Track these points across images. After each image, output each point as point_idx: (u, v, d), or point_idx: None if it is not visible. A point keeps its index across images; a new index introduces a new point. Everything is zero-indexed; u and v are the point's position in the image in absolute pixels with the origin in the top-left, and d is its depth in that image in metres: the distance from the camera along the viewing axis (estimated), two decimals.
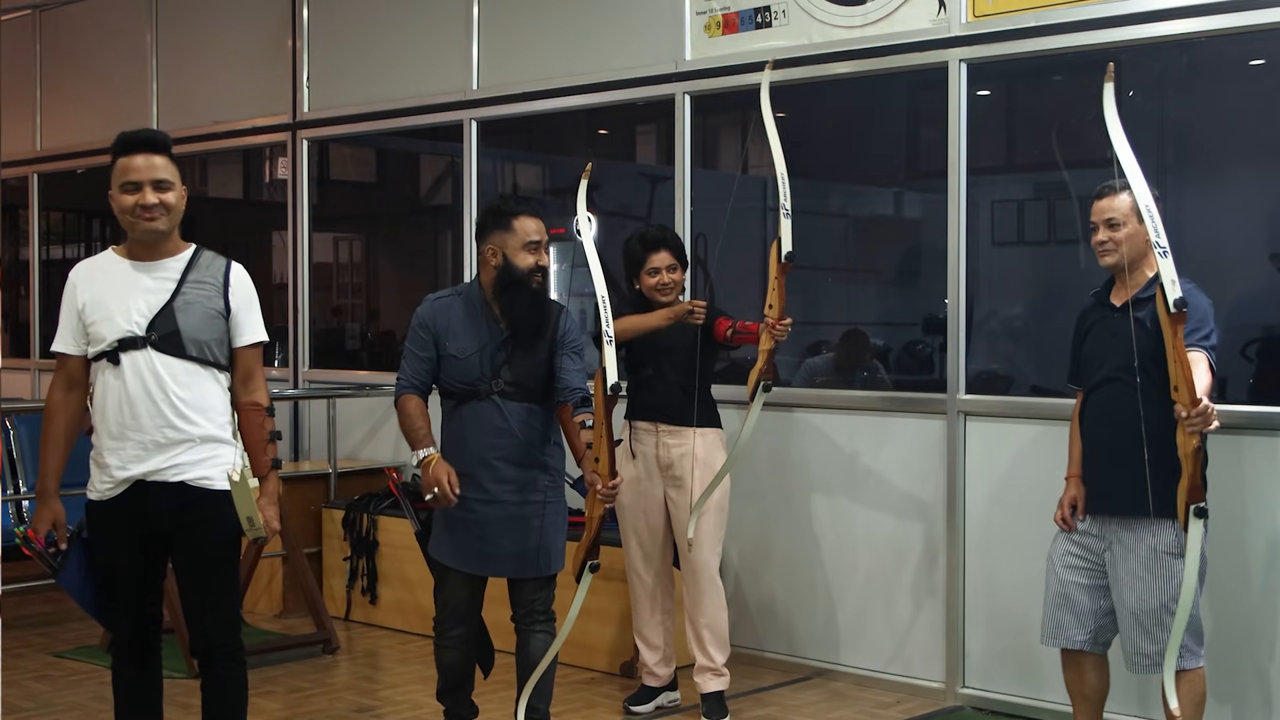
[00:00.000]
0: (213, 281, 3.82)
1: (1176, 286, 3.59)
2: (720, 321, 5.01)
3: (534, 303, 4.28)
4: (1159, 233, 3.65)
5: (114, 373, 3.71)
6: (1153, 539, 3.96)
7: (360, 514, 6.66)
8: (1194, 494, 3.66)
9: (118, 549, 3.78)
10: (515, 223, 4.26)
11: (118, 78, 8.72)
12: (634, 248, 5.12)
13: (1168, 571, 3.93)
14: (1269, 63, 5.00)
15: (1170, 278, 3.59)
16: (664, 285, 5.05)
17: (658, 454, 5.07)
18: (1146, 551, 3.97)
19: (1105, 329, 4.11)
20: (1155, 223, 3.66)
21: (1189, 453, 3.64)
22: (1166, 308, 3.59)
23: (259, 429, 3.86)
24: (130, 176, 3.71)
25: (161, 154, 3.75)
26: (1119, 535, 4.03)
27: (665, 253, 5.07)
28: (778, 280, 4.68)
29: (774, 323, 4.69)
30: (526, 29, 6.70)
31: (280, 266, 8.22)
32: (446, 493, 4.12)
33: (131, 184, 3.71)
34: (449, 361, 4.28)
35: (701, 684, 5.07)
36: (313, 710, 5.26)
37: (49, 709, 5.25)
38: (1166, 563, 3.94)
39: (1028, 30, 5.09)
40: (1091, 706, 4.23)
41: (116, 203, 3.74)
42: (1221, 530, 4.69)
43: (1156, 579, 3.94)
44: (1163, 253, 3.62)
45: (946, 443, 5.31)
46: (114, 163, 3.76)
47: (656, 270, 5.05)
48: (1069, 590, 4.13)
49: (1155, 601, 3.95)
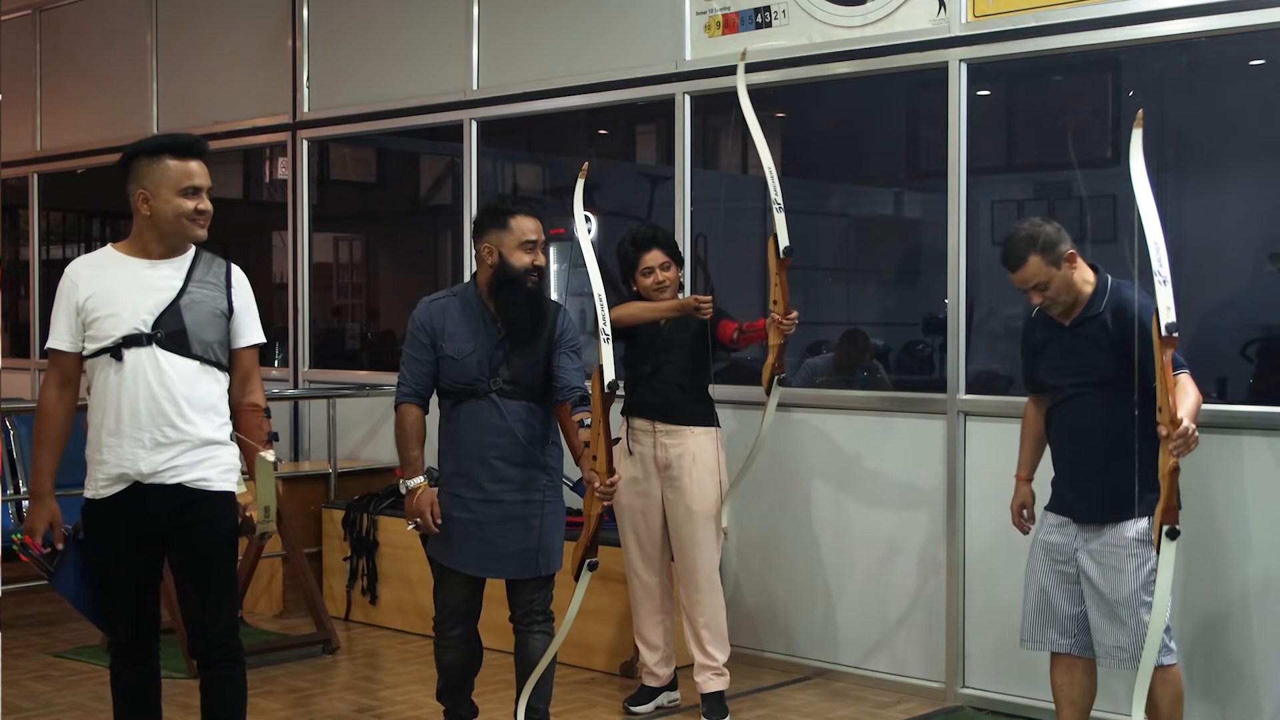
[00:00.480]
0: (215, 282, 3.83)
1: (1171, 312, 3.57)
2: (725, 324, 5.02)
3: (529, 302, 4.27)
4: (1162, 262, 3.61)
5: (116, 369, 3.70)
6: (1123, 530, 3.99)
7: (360, 514, 6.66)
8: (1169, 515, 3.64)
9: (115, 549, 3.78)
10: (512, 221, 4.26)
11: (118, 78, 8.72)
12: (626, 250, 5.12)
13: (1139, 558, 3.96)
14: (1269, 63, 5.00)
15: (1166, 304, 3.58)
16: (660, 284, 5.05)
17: (655, 454, 5.07)
18: (1116, 540, 3.99)
19: (1060, 348, 4.13)
20: (1160, 253, 3.62)
21: (1166, 473, 3.63)
22: (1159, 330, 3.59)
23: (258, 430, 3.88)
24: (194, 181, 3.72)
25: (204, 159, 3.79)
26: (1092, 534, 4.06)
27: (657, 251, 5.07)
28: (779, 276, 4.76)
29: (780, 318, 4.78)
30: (526, 29, 6.70)
31: (280, 266, 8.22)
32: (429, 523, 4.23)
33: (194, 189, 3.72)
34: (447, 362, 4.28)
35: (701, 684, 5.07)
36: (313, 710, 5.26)
37: (49, 709, 5.25)
38: (1137, 550, 3.97)
39: (1028, 30, 5.09)
40: (1078, 711, 4.22)
41: (169, 204, 3.70)
42: (1221, 530, 4.69)
43: (1127, 564, 3.97)
44: (1163, 281, 3.60)
45: (946, 443, 5.31)
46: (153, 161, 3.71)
47: (650, 270, 5.05)
48: (1050, 596, 4.15)
49: (1127, 589, 3.96)
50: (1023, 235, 4.03)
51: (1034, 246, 4.00)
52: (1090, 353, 4.04)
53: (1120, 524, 3.99)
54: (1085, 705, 4.23)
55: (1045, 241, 3.99)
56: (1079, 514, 4.09)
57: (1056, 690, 4.23)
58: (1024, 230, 4.05)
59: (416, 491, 4.27)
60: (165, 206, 3.71)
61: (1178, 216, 5.23)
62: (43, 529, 3.78)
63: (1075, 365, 4.07)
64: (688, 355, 5.02)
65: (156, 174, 3.71)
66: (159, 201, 3.71)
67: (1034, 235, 4.01)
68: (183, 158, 3.72)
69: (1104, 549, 4.02)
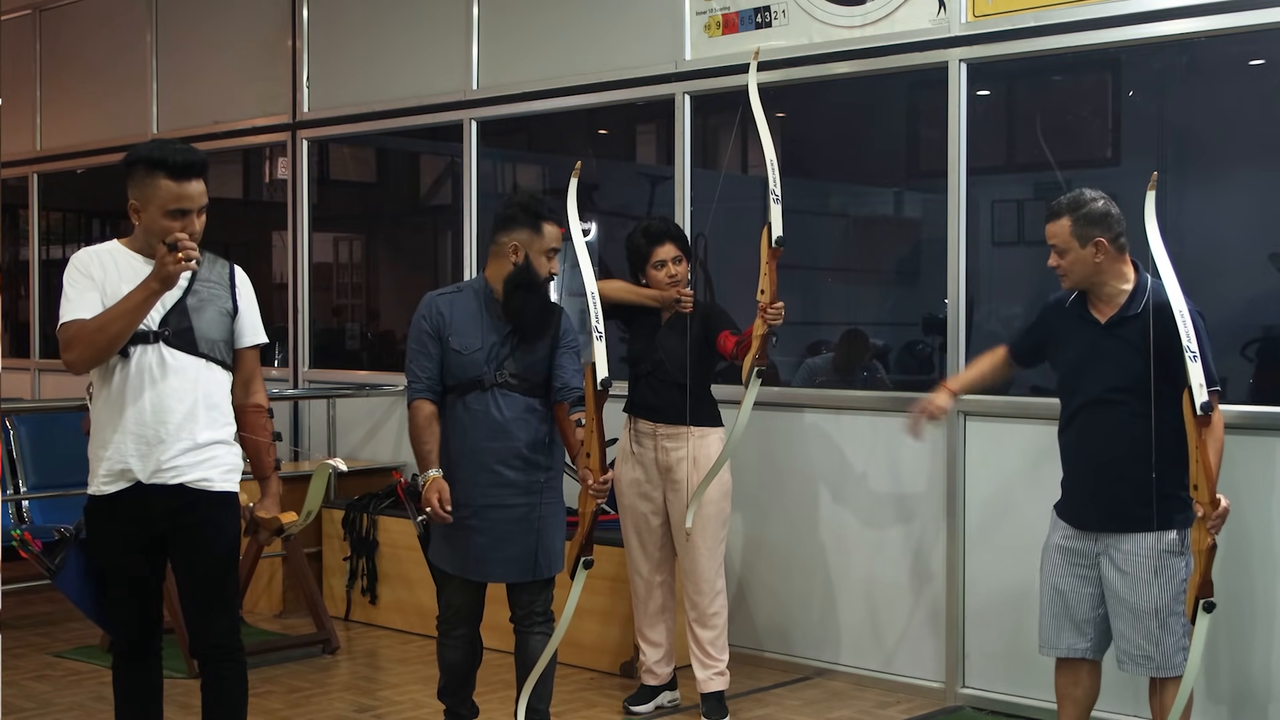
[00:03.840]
0: (219, 281, 3.84)
1: (1204, 390, 3.52)
2: (726, 337, 4.95)
3: (543, 307, 4.29)
4: (1190, 336, 3.58)
5: (121, 366, 3.69)
6: (1154, 540, 3.91)
7: (360, 514, 6.66)
8: (1205, 589, 3.59)
9: (116, 548, 3.78)
10: (545, 227, 4.25)
11: (118, 78, 8.72)
12: (638, 242, 5.08)
13: (1170, 570, 3.89)
14: (1269, 63, 5.00)
15: (1198, 381, 3.52)
16: (673, 277, 5.02)
17: (656, 457, 5.07)
18: (1147, 552, 3.91)
19: (1091, 349, 4.03)
20: (1187, 326, 3.59)
21: (1203, 549, 3.58)
22: (1194, 410, 3.52)
23: (262, 430, 3.90)
24: (183, 205, 3.65)
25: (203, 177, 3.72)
26: (1115, 542, 3.98)
27: (670, 244, 5.04)
28: (769, 265, 4.56)
29: (765, 306, 4.58)
30: (526, 29, 6.70)
31: (280, 266, 8.22)
32: (439, 512, 4.20)
33: (182, 211, 3.65)
34: (452, 356, 4.28)
35: (702, 684, 5.07)
36: (313, 710, 5.26)
37: (49, 709, 5.25)
38: (1168, 562, 3.90)
39: (1028, 30, 5.09)
40: (1081, 711, 4.19)
41: (155, 223, 3.65)
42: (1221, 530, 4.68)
43: (1159, 579, 3.89)
44: (1193, 356, 3.55)
45: (946, 443, 5.31)
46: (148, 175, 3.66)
47: (662, 263, 5.03)
48: (1067, 600, 4.08)
49: (1158, 602, 3.89)
50: (1074, 197, 4.00)
51: (1073, 210, 3.96)
52: (1127, 356, 3.92)
53: (1145, 533, 3.91)
54: (1087, 706, 4.20)
55: (1087, 214, 3.94)
56: (1095, 523, 4.00)
57: (1060, 689, 4.20)
58: (1082, 195, 4.00)
59: (428, 482, 4.23)
60: (152, 224, 3.68)
61: (1178, 217, 5.23)
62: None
63: (1108, 371, 3.95)
64: (688, 355, 5.00)
65: (148, 189, 3.66)
66: (147, 217, 3.69)
67: (1080, 202, 3.97)
68: (176, 179, 3.65)
69: (1129, 559, 3.93)
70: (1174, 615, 3.88)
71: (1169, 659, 3.90)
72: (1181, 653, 3.88)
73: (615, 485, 5.12)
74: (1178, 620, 3.88)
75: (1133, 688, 4.70)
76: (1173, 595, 3.89)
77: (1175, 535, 3.90)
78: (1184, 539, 3.88)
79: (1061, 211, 4.00)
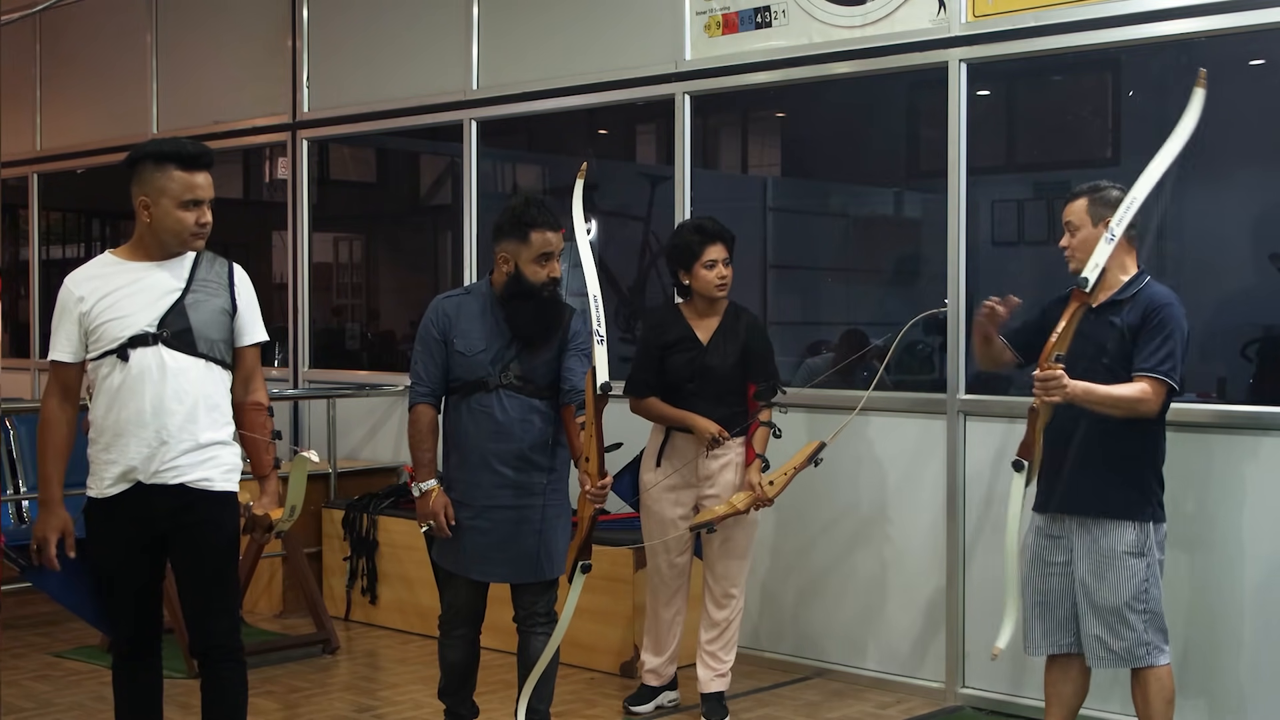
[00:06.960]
0: (218, 281, 3.84)
1: (1098, 269, 3.73)
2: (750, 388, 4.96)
3: (539, 314, 4.27)
4: (1120, 222, 3.78)
5: (121, 368, 3.69)
6: (1110, 539, 4.01)
7: (360, 514, 6.66)
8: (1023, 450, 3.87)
9: (117, 548, 3.78)
10: (533, 234, 4.22)
11: (118, 78, 8.73)
12: (689, 239, 4.95)
13: (1129, 571, 3.99)
14: (1269, 63, 5.00)
15: (1095, 261, 3.75)
16: (724, 279, 4.93)
17: (697, 464, 5.01)
18: (1105, 551, 4.01)
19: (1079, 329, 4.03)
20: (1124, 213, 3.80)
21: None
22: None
23: (262, 429, 3.90)
24: (197, 194, 3.70)
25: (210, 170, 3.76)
26: (1077, 534, 4.08)
27: (721, 245, 4.94)
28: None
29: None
30: (526, 29, 6.70)
31: (280, 266, 8.22)
32: (443, 526, 4.22)
33: (195, 201, 3.70)
34: (457, 358, 4.28)
35: (703, 684, 5.06)
36: (313, 710, 5.26)
37: (49, 709, 5.25)
38: (1126, 562, 3.99)
39: (1028, 30, 5.09)
40: (1068, 711, 4.24)
41: (169, 216, 3.68)
42: (1220, 530, 4.69)
43: (1118, 577, 4.00)
44: (1109, 239, 3.77)
45: (946, 443, 5.31)
46: (157, 169, 3.69)
47: (714, 263, 4.93)
48: (1047, 598, 4.16)
49: (1117, 599, 4.00)
50: (1093, 183, 4.16)
51: (1091, 193, 4.12)
52: (1104, 333, 4.03)
53: (1109, 528, 4.00)
54: (1075, 705, 4.25)
55: (1101, 198, 4.09)
56: (1065, 504, 4.08)
57: (1048, 687, 4.25)
58: (1100, 182, 4.15)
59: (430, 494, 4.26)
60: (165, 217, 3.70)
61: (1178, 216, 5.24)
62: (54, 538, 3.76)
63: (1085, 347, 4.02)
64: (727, 376, 4.95)
65: (159, 183, 3.69)
66: (159, 211, 3.70)
67: (1098, 187, 4.13)
68: (188, 169, 3.69)
69: (1095, 553, 4.03)
70: (1135, 613, 3.98)
71: (1131, 651, 4.01)
72: (1144, 646, 3.99)
73: (640, 489, 5.11)
74: (1139, 617, 3.99)
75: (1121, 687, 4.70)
76: (1132, 594, 3.98)
77: (1133, 535, 3.99)
78: (1144, 537, 3.99)
79: (1081, 193, 4.16)
